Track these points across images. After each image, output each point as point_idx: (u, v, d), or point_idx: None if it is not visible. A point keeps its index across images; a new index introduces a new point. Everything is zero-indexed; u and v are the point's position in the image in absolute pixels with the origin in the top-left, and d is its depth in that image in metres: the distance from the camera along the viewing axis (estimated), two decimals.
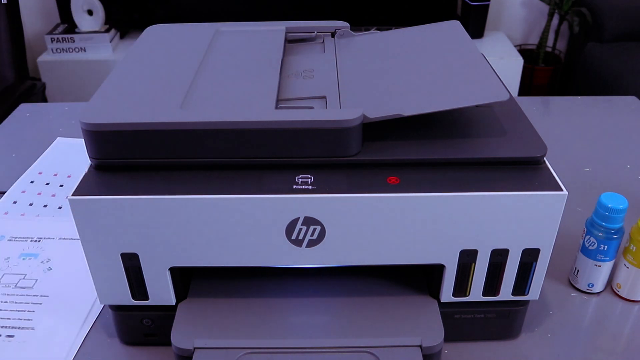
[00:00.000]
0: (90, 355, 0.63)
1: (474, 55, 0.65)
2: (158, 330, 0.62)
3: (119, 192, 0.52)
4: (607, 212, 0.65)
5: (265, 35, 0.74)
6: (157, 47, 0.71)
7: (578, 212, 0.82)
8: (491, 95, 0.56)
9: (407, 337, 0.57)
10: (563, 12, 2.45)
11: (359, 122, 0.53)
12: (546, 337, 0.66)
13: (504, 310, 0.62)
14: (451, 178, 0.53)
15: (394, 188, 0.52)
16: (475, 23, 2.41)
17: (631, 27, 2.29)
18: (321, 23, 0.78)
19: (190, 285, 0.63)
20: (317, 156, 0.54)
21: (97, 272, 0.57)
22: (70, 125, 1.12)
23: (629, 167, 0.98)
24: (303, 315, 0.60)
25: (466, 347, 0.64)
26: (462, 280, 0.58)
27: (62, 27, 2.35)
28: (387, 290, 0.63)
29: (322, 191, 0.51)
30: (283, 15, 1.56)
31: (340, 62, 0.69)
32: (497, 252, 0.56)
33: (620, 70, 2.12)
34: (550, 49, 2.59)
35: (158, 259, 0.55)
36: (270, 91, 0.59)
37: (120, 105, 0.56)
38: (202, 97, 0.58)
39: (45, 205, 0.88)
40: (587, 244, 0.68)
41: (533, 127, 0.59)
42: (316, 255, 0.55)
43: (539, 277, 0.58)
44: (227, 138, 0.53)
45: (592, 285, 0.71)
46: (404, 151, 0.55)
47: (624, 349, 0.65)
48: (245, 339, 0.57)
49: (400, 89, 0.60)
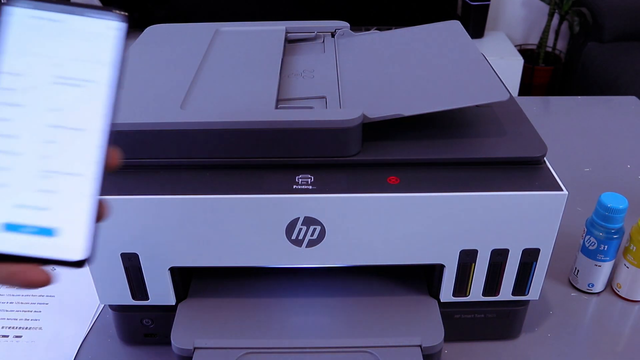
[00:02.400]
0: (90, 355, 0.63)
1: (474, 55, 0.65)
2: (158, 330, 0.62)
3: (119, 192, 0.51)
4: (607, 212, 0.65)
5: (265, 35, 0.74)
6: (157, 47, 0.71)
7: (578, 212, 0.82)
8: (491, 95, 0.56)
9: (407, 337, 0.57)
10: (563, 12, 2.45)
11: (359, 122, 0.53)
12: (546, 337, 0.66)
13: (504, 310, 0.62)
14: (451, 178, 0.53)
15: (394, 188, 0.52)
16: (475, 23, 2.41)
17: (631, 27, 2.29)
18: (321, 23, 0.78)
19: (190, 285, 0.63)
20: (317, 156, 0.54)
21: (97, 272, 0.57)
22: None
23: (629, 167, 0.98)
24: (303, 315, 0.60)
25: (466, 347, 0.64)
26: (462, 280, 0.58)
27: None
28: (387, 290, 0.63)
29: (322, 191, 0.51)
30: (283, 15, 1.55)
31: (340, 62, 0.69)
32: (497, 252, 0.56)
33: (620, 70, 2.12)
34: (550, 49, 2.59)
35: (158, 259, 0.55)
36: (270, 91, 0.59)
37: (120, 106, 0.55)
38: (202, 97, 0.58)
39: None
40: (587, 244, 0.68)
41: (533, 127, 0.59)
42: (316, 255, 0.55)
43: (539, 277, 0.58)
44: (227, 138, 0.53)
45: (592, 285, 0.71)
46: (404, 151, 0.55)
47: (624, 349, 0.65)
48: (245, 339, 0.57)
49: (400, 89, 0.60)
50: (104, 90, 0.34)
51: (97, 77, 0.34)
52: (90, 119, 0.34)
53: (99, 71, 0.34)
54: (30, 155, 0.33)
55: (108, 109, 0.34)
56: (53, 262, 0.33)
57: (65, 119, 0.33)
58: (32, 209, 0.33)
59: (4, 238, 0.33)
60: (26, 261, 0.33)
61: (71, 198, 0.33)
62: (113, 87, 0.34)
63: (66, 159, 0.33)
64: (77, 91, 0.34)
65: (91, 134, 0.34)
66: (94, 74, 0.34)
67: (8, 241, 0.33)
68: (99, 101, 0.34)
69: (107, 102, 0.34)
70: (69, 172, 0.33)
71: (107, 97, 0.34)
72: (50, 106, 0.33)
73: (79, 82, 0.34)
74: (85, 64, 0.34)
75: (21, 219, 0.33)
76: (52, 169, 0.33)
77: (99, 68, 0.34)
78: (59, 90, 0.33)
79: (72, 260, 0.33)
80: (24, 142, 0.33)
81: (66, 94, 0.34)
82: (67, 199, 0.33)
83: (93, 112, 0.34)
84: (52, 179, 0.33)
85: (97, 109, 0.34)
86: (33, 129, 0.33)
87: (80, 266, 0.33)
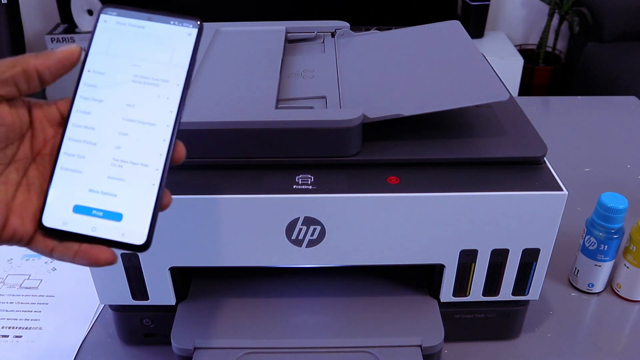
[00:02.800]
0: (90, 355, 0.63)
1: (474, 55, 0.65)
2: (158, 330, 0.62)
3: None
4: (607, 212, 0.65)
5: (265, 35, 0.74)
6: None
7: (578, 212, 0.82)
8: (491, 95, 0.56)
9: (407, 337, 0.57)
10: (563, 12, 2.45)
11: (359, 122, 0.53)
12: (546, 337, 0.66)
13: (504, 310, 0.62)
14: (451, 178, 0.53)
15: (394, 188, 0.52)
16: (475, 23, 2.41)
17: (631, 27, 2.29)
18: (321, 23, 0.78)
19: (190, 285, 0.63)
20: (317, 156, 0.54)
21: (97, 272, 0.57)
22: None
23: (629, 167, 0.98)
24: (303, 315, 0.60)
25: (466, 347, 0.64)
26: (462, 280, 0.58)
27: (62, 27, 2.35)
28: (387, 290, 0.63)
29: (322, 191, 0.51)
30: (283, 15, 1.55)
31: (340, 62, 0.69)
32: (497, 252, 0.56)
33: (620, 70, 2.12)
34: (550, 49, 2.59)
35: (158, 259, 0.55)
36: (271, 91, 0.59)
37: None
38: (202, 97, 0.58)
39: None
40: (587, 244, 0.68)
41: (533, 127, 0.59)
42: (316, 255, 0.55)
43: (539, 277, 0.58)
44: (227, 138, 0.53)
45: (592, 285, 0.71)
46: (404, 151, 0.55)
47: (624, 349, 0.65)
48: (245, 339, 0.57)
49: (400, 89, 0.60)
50: (176, 89, 0.37)
51: (171, 77, 0.37)
52: (161, 115, 0.37)
53: (173, 72, 0.37)
54: (105, 145, 0.36)
55: (178, 107, 0.37)
56: (117, 245, 0.36)
57: (138, 114, 0.37)
58: (102, 194, 0.36)
59: (74, 219, 0.36)
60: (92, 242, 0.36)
61: (138, 186, 0.36)
62: (184, 87, 0.37)
63: (137, 151, 0.36)
64: (152, 89, 0.37)
65: (161, 128, 0.37)
66: (168, 74, 0.37)
67: (77, 222, 0.36)
68: (170, 99, 0.37)
69: (178, 100, 0.37)
70: (138, 162, 0.36)
71: (178, 96, 0.37)
72: (126, 102, 0.37)
73: (155, 82, 0.37)
74: (162, 65, 0.37)
75: (91, 202, 0.36)
76: (123, 159, 0.36)
77: (172, 69, 0.37)
78: (135, 88, 0.37)
79: (135, 244, 0.36)
80: (100, 133, 0.36)
81: (142, 91, 0.37)
82: (135, 187, 0.36)
83: (164, 109, 0.37)
84: (123, 168, 0.36)
85: (169, 106, 0.37)
86: (109, 122, 0.36)
87: (143, 250, 0.36)
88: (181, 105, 0.37)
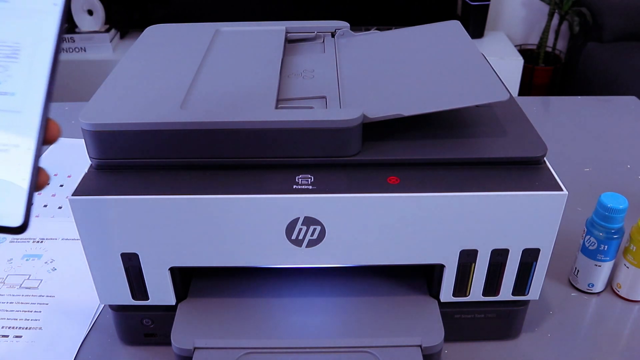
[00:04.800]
0: (90, 355, 0.63)
1: (474, 55, 0.65)
2: (158, 330, 0.62)
3: (119, 192, 0.52)
4: (607, 212, 0.65)
5: (265, 35, 0.74)
6: (157, 47, 0.71)
7: (578, 212, 0.82)
8: (491, 95, 0.56)
9: (407, 337, 0.57)
10: (563, 12, 2.45)
11: (359, 122, 0.53)
12: (546, 337, 0.66)
13: (504, 310, 0.62)
14: (451, 178, 0.53)
15: (394, 188, 0.52)
16: (475, 23, 2.41)
17: (631, 27, 2.29)
18: (321, 23, 0.78)
19: (190, 285, 0.63)
20: (317, 156, 0.54)
21: (97, 272, 0.57)
22: (70, 125, 1.12)
23: (629, 167, 0.98)
24: (303, 315, 0.60)
25: (466, 347, 0.64)
26: (462, 280, 0.58)
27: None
28: (387, 290, 0.63)
29: (322, 191, 0.51)
30: (283, 15, 1.55)
31: (340, 62, 0.69)
32: (497, 252, 0.56)
33: (620, 70, 2.12)
34: (551, 49, 2.59)
35: (158, 259, 0.55)
36: (270, 91, 0.59)
37: (120, 106, 0.56)
38: (202, 97, 0.58)
39: (45, 205, 0.88)
40: (587, 244, 0.68)
41: (533, 127, 0.59)
42: (316, 255, 0.55)
43: (539, 277, 0.58)
44: (227, 138, 0.53)
45: (592, 285, 0.71)
46: (404, 151, 0.55)
47: (624, 349, 0.65)
48: (245, 339, 0.57)
49: (400, 89, 0.60)
50: (44, 62, 0.35)
51: (38, 50, 0.35)
52: (31, 91, 0.35)
53: (40, 45, 0.35)
54: None
55: (48, 81, 0.35)
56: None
57: (5, 91, 0.35)
58: None
59: None
60: None
61: (10, 168, 0.35)
62: (52, 60, 0.35)
63: (5, 131, 0.35)
64: (20, 65, 0.35)
65: (29, 107, 0.35)
66: (35, 49, 0.35)
67: None
68: (39, 73, 0.35)
69: (47, 74, 0.35)
70: (8, 143, 0.35)
71: (47, 70, 0.35)
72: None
73: (23, 56, 0.35)
74: (29, 38, 0.35)
75: None
76: None
77: (40, 42, 0.35)
78: (2, 64, 0.35)
79: (11, 226, 0.35)
80: None
81: (9, 67, 0.35)
82: (7, 169, 0.35)
83: (34, 85, 0.35)
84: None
85: (38, 81, 0.35)
86: None
87: (20, 232, 0.35)
88: (51, 79, 0.35)
